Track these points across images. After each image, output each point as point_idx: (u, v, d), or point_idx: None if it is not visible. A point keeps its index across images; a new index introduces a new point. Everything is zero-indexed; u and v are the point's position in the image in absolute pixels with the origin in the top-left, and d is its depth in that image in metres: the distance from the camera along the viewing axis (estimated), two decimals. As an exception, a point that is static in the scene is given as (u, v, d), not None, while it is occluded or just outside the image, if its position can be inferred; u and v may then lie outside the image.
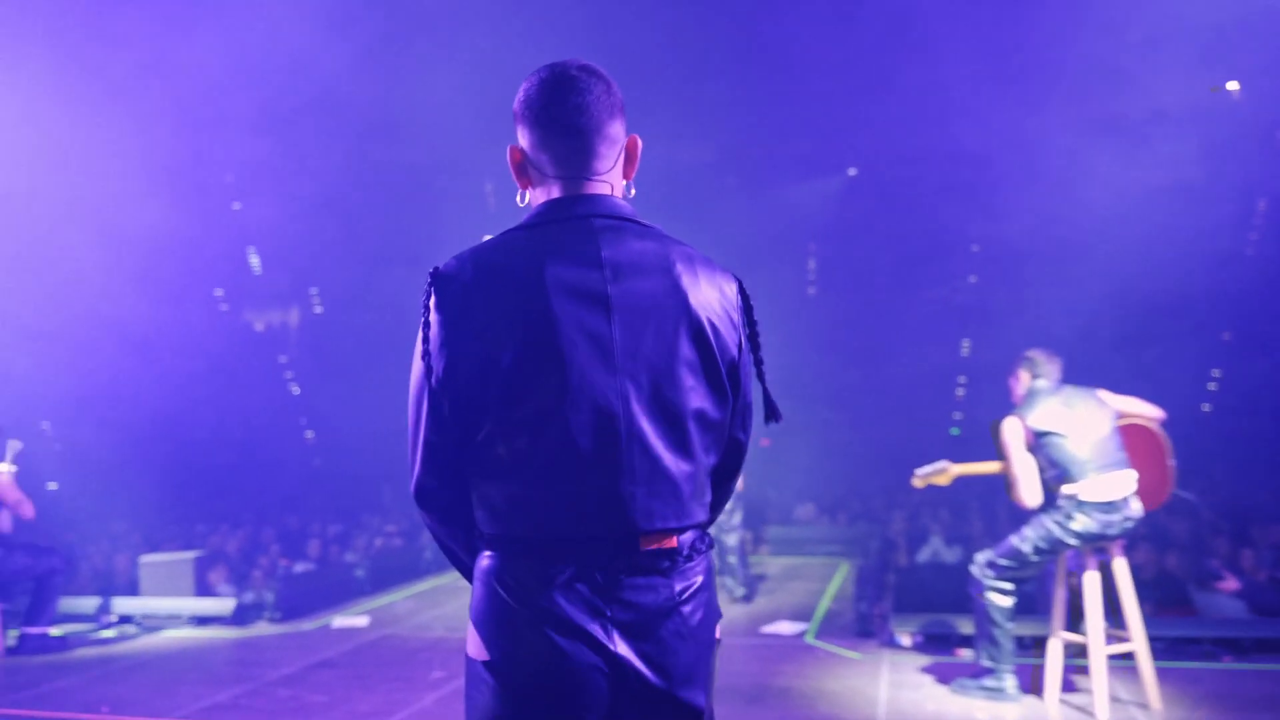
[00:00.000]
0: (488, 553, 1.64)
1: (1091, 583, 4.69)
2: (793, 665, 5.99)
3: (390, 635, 7.11)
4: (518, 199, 1.78)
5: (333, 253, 18.19)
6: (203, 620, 7.61)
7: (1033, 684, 5.09)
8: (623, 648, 1.57)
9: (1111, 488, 4.63)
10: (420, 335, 1.65)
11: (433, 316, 1.63)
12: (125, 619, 7.70)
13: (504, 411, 1.57)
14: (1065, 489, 4.71)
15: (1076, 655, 5.22)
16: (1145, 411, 4.97)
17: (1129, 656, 4.90)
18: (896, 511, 10.98)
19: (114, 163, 13.67)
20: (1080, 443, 4.69)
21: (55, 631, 7.33)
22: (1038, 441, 4.80)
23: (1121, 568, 4.77)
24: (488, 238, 1.70)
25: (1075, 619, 4.92)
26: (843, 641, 6.54)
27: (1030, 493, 4.76)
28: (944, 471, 5.27)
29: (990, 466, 5.09)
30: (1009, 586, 4.95)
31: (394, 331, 18.58)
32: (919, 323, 18.48)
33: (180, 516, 12.32)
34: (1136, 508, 4.69)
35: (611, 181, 1.73)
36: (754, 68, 14.44)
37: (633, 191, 1.82)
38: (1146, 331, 14.63)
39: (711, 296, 1.67)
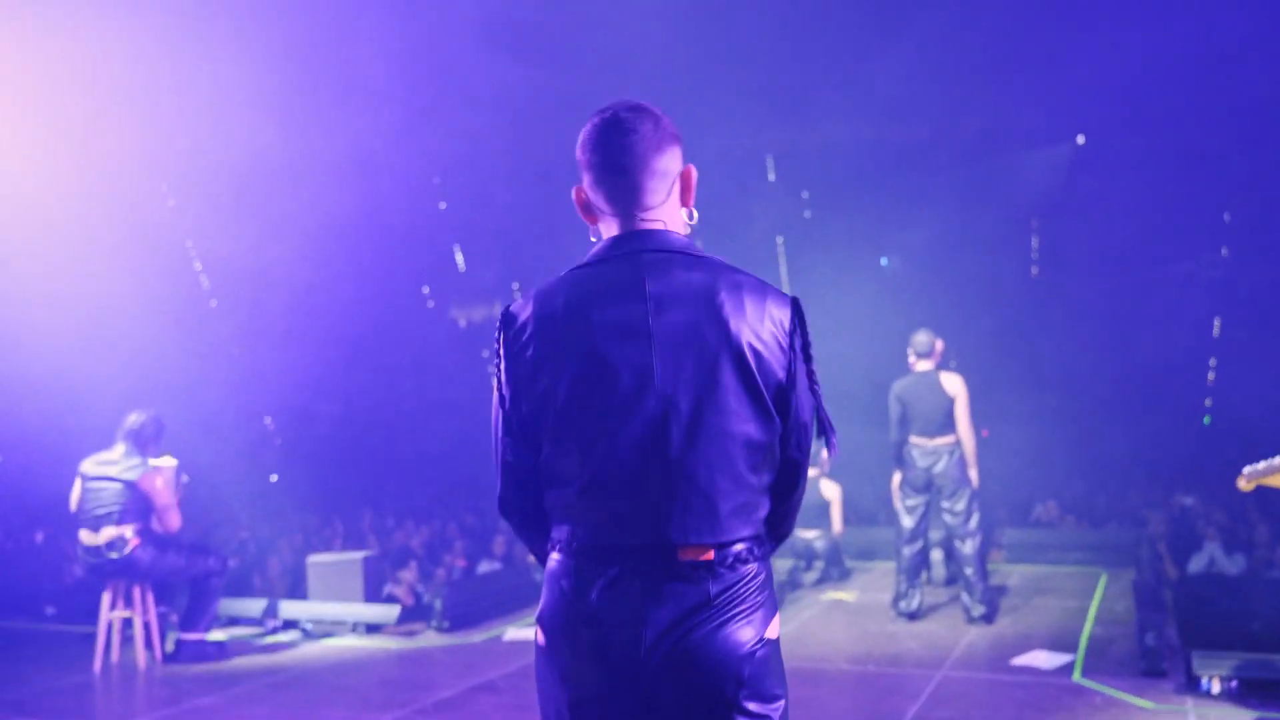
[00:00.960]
0: (554, 555, 1.76)
1: None
2: (1061, 714, 4.52)
3: (566, 653, 6.04)
4: (591, 236, 1.86)
5: (535, 249, 17.77)
6: (371, 627, 6.77)
7: None
8: (654, 644, 1.64)
9: None
10: (494, 369, 1.79)
11: (501, 352, 1.77)
12: (290, 624, 6.95)
13: (558, 436, 1.71)
14: None
15: None
16: None
17: None
18: (1155, 512, 9.14)
19: (324, 166, 13.63)
20: None
21: (219, 635, 6.67)
22: None
23: None
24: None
25: None
26: (1123, 682, 4.98)
27: None
28: (1288, 467, 3.69)
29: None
30: (1404, 631, 3.36)
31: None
32: (1161, 302, 16.22)
33: (376, 510, 11.76)
34: None
35: (664, 216, 1.79)
36: (964, 31, 12.78)
37: (694, 218, 1.86)
38: None
39: (755, 323, 1.70)
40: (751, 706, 1.67)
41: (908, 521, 6.38)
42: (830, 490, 7.83)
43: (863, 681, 5.20)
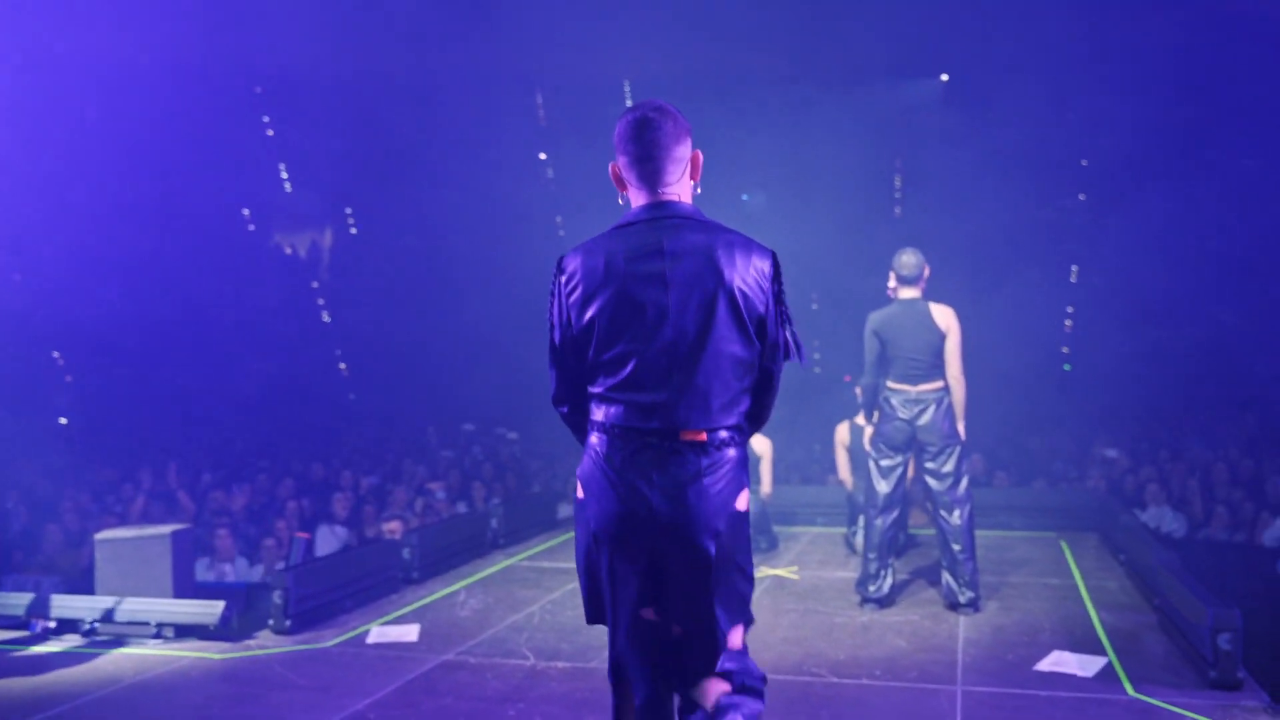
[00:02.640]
0: (594, 435, 2.34)
1: None
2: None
3: (454, 664, 4.48)
4: (619, 200, 2.44)
5: (369, 170, 15.77)
6: (184, 629, 4.99)
7: None
8: (659, 500, 2.23)
9: None
10: (549, 304, 2.37)
11: (557, 292, 2.35)
12: (68, 625, 5.08)
13: (600, 352, 2.29)
14: None
15: None
16: None
17: None
18: (1091, 468, 8.28)
19: (128, 67, 11.55)
20: None
21: (-36, 645, 4.79)
22: None
23: None
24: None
25: None
26: (1193, 699, 3.83)
27: None
28: None
29: None
30: None
31: (434, 255, 16.17)
32: (1021, 247, 15.71)
33: (188, 463, 9.73)
34: None
35: (678, 190, 2.35)
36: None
37: (699, 190, 2.40)
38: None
39: (743, 271, 2.27)
40: (724, 557, 2.25)
41: (883, 486, 5.09)
42: (760, 444, 6.49)
43: (863, 702, 3.88)
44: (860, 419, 6.53)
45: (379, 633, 4.97)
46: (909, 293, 5.10)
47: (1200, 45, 12.61)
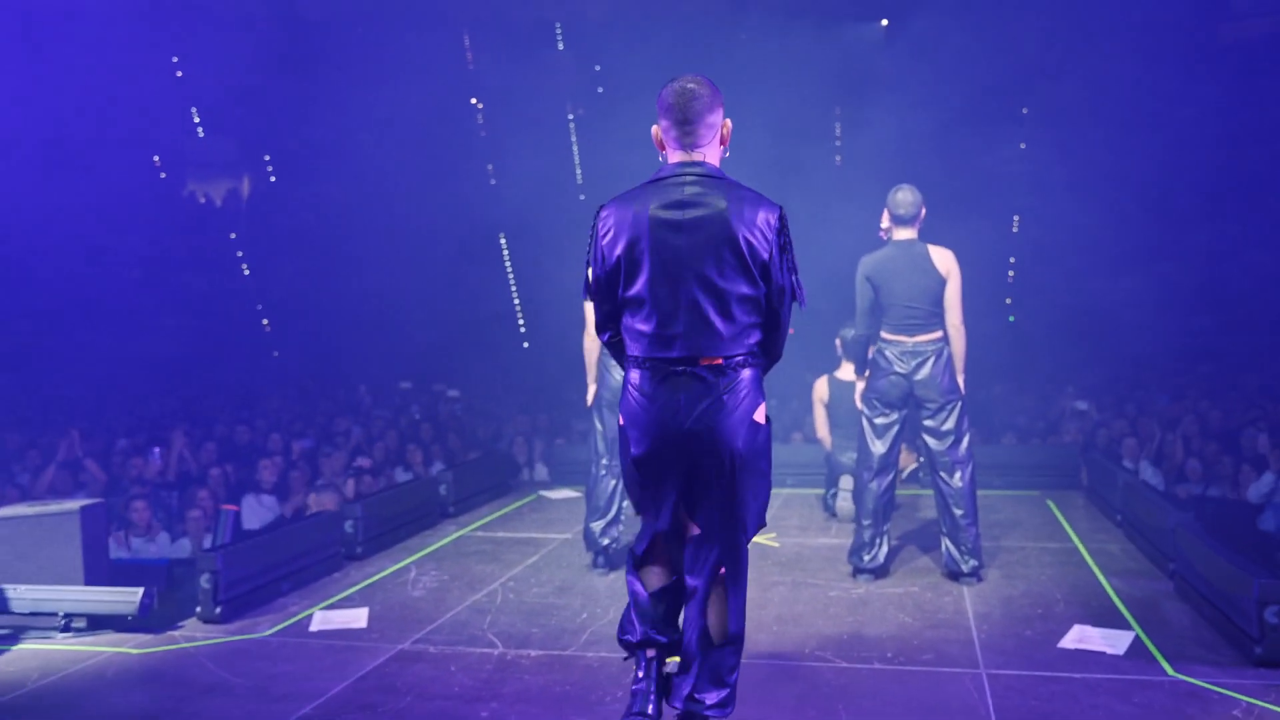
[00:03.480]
0: (632, 370, 2.78)
1: None
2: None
3: (411, 654, 3.96)
4: (660, 158, 2.82)
5: (288, 115, 14.84)
6: (97, 620, 4.38)
7: None
8: (686, 418, 2.67)
9: None
10: (589, 245, 2.80)
11: (594, 235, 2.78)
12: (-40, 619, 4.44)
13: (625, 288, 2.73)
14: None
15: None
16: None
17: None
18: (1070, 422, 8.01)
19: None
20: None
21: None
22: None
23: None
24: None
25: None
26: (1240, 679, 3.49)
27: None
28: None
29: None
30: None
31: (360, 203, 15.30)
32: (962, 196, 15.41)
33: (101, 428, 8.96)
34: None
35: (708, 152, 2.76)
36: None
37: (727, 154, 2.81)
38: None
39: (750, 222, 2.66)
40: (747, 462, 2.73)
41: (878, 446, 4.67)
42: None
43: (881, 692, 3.46)
44: (842, 372, 6.12)
45: (323, 619, 4.42)
46: (905, 233, 4.66)
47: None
